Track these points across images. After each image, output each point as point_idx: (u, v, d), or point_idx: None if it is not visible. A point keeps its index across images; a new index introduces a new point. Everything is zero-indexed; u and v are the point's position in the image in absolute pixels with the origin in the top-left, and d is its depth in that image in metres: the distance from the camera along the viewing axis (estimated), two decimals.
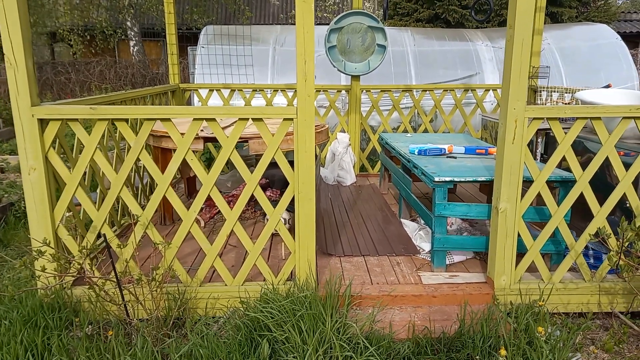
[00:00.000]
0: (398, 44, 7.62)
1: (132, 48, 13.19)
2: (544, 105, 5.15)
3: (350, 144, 5.81)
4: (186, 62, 12.53)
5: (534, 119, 2.77)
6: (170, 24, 5.57)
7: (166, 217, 4.17)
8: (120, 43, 16.25)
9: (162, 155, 4.02)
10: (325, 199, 4.85)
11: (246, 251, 2.87)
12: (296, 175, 2.77)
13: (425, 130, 6.14)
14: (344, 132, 5.96)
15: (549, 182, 3.06)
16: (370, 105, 5.95)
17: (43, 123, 2.66)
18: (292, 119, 2.71)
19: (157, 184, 2.78)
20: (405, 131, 6.12)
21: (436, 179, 3.06)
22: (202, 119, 2.71)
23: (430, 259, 3.34)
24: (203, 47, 7.43)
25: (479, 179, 3.11)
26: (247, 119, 2.74)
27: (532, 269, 3.01)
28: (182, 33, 13.77)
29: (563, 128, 2.85)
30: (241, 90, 5.90)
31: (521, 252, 2.95)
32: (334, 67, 5.64)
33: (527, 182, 2.89)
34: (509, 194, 2.81)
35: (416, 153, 3.84)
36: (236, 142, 2.75)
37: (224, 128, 3.68)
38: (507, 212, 2.84)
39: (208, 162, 6.26)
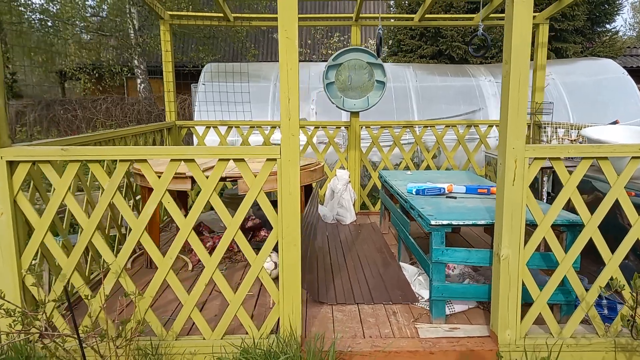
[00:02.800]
0: (400, 79, 7.54)
1: (138, 85, 13.33)
2: (549, 142, 4.97)
3: (350, 181, 5.63)
4: (191, 100, 12.59)
5: (535, 158, 2.58)
6: (167, 62, 5.53)
7: (151, 260, 3.97)
8: (129, 80, 16.48)
9: (149, 195, 3.85)
10: (323, 239, 4.64)
11: (249, 297, 2.66)
12: (280, 218, 2.58)
13: (428, 167, 5.96)
14: (344, 168, 5.79)
15: (555, 226, 2.84)
16: (371, 141, 5.80)
17: (12, 165, 2.52)
18: (275, 159, 2.54)
19: (130, 229, 2.60)
20: (407, 168, 5.94)
21: (432, 222, 2.85)
22: (179, 160, 2.55)
23: (429, 308, 3.09)
24: (204, 84, 7.41)
25: (479, 222, 2.89)
26: (228, 160, 2.57)
27: (540, 320, 2.75)
28: (188, 71, 13.95)
29: (568, 167, 2.65)
30: (238, 127, 5.80)
31: (528, 302, 2.70)
32: (332, 103, 5.52)
33: (532, 226, 2.68)
34: (510, 240, 2.59)
35: (414, 193, 3.64)
36: (216, 184, 2.58)
37: (209, 168, 3.53)
38: (510, 259, 2.61)
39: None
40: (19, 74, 16.46)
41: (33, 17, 12.88)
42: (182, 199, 4.68)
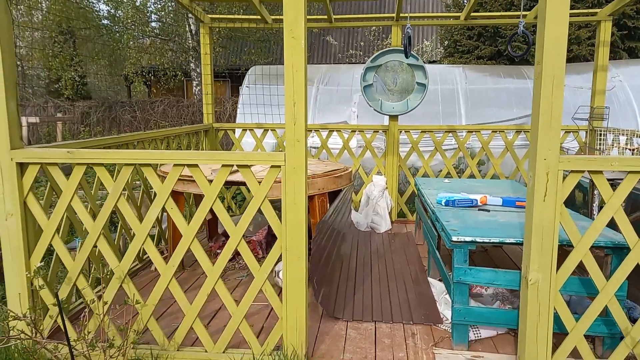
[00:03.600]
0: (448, 81, 7.18)
1: (194, 88, 13.68)
2: (607, 151, 4.49)
3: (387, 187, 5.39)
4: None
5: (572, 171, 2.27)
6: (205, 65, 5.55)
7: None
8: (188, 83, 17.01)
9: (174, 199, 3.82)
10: (351, 248, 4.44)
11: (263, 308, 2.54)
12: (284, 230, 2.43)
13: (472, 175, 5.60)
14: (381, 174, 5.56)
15: (598, 247, 2.50)
16: (410, 146, 5.53)
17: (22, 167, 2.54)
18: (280, 166, 2.40)
19: (134, 234, 2.54)
20: (449, 175, 5.61)
21: (454, 238, 2.59)
22: (183, 165, 2.47)
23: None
24: (247, 86, 7.43)
25: (507, 240, 2.59)
26: (232, 165, 2.46)
27: (576, 353, 2.42)
28: (241, 73, 14.15)
29: (615, 180, 2.32)
30: (274, 130, 5.71)
31: (562, 332, 2.39)
32: (370, 106, 5.31)
33: (570, 246, 2.36)
34: (540, 263, 2.29)
35: (443, 204, 3.37)
36: (218, 190, 2.47)
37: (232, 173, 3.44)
38: (540, 285, 2.31)
39: (241, 203, 6.08)
40: (89, 77, 17.47)
41: (100, 23, 13.58)
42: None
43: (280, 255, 2.45)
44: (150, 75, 13.61)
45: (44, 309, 2.63)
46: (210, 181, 3.46)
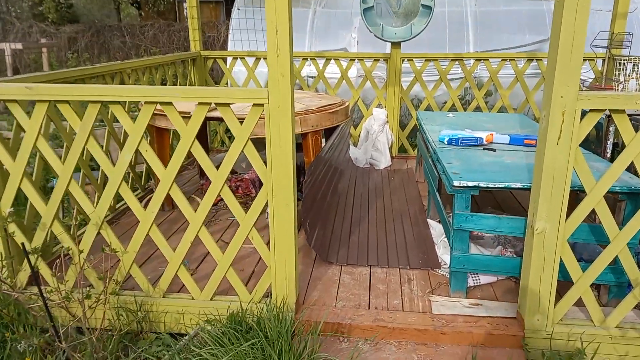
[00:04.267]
0: (455, 3, 6.65)
1: (185, 11, 12.91)
2: (625, 82, 4.17)
3: (387, 121, 5.12)
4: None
5: (591, 110, 2.01)
6: None
7: (164, 202, 3.78)
8: (179, 5, 16.10)
9: (157, 136, 3.60)
10: (348, 187, 4.26)
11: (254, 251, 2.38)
12: (269, 175, 2.21)
13: (478, 108, 5.29)
14: (381, 107, 5.26)
15: (612, 193, 2.30)
16: (413, 76, 5.18)
17: None
18: (262, 105, 2.14)
19: (108, 178, 2.34)
20: (454, 107, 5.31)
21: (455, 183, 2.38)
22: (155, 103, 2.21)
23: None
24: (239, 9, 6.92)
25: (513, 185, 2.39)
26: (209, 104, 2.20)
27: (579, 302, 2.30)
28: None
29: (631, 116, 2.07)
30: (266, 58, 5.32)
31: (566, 280, 2.25)
32: (370, 32, 4.91)
33: (581, 191, 2.16)
34: (549, 211, 2.10)
35: (445, 142, 3.13)
36: (196, 131, 2.23)
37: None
38: (546, 234, 2.13)
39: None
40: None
41: None
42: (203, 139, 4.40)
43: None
44: None
45: (20, 257, 2.49)
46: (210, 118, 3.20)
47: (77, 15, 16.52)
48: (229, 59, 5.38)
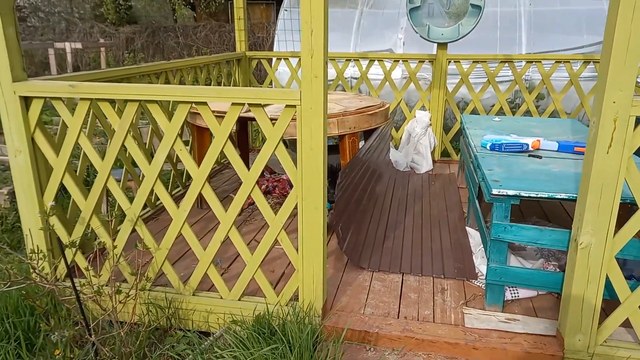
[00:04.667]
0: (508, 3, 6.40)
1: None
2: None
3: (430, 124, 4.99)
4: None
5: None
6: None
7: (202, 200, 3.84)
8: (232, 6, 16.40)
9: (198, 135, 3.65)
10: (386, 191, 4.18)
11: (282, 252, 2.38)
12: (299, 177, 2.19)
13: (528, 112, 5.06)
14: (425, 109, 5.13)
15: None
16: (460, 78, 5.02)
17: (27, 101, 2.39)
18: (295, 106, 2.11)
19: (144, 175, 2.39)
20: (502, 111, 5.10)
21: (494, 191, 2.27)
22: (189, 102, 2.23)
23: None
24: (286, 10, 6.95)
25: (558, 195, 2.24)
26: (243, 104, 2.20)
27: (627, 322, 2.13)
28: None
29: None
30: None
31: (613, 299, 2.09)
32: (416, 32, 4.79)
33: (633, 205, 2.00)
34: (595, 224, 1.96)
35: (488, 147, 3.00)
36: (229, 130, 2.23)
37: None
38: (592, 249, 1.99)
39: None
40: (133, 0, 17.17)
41: None
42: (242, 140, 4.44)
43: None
44: None
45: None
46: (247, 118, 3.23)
47: (136, 16, 17.19)
48: (274, 60, 5.41)
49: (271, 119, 2.20)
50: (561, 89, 4.83)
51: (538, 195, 2.24)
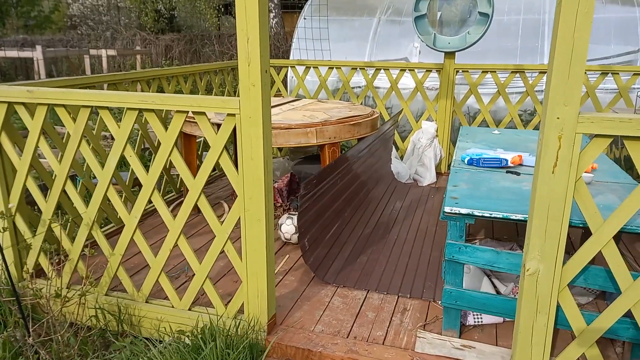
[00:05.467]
0: (531, 10, 6.12)
1: (271, 20, 13.31)
2: None
3: (437, 135, 4.82)
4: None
5: (596, 136, 1.69)
6: None
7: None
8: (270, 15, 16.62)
9: (185, 141, 3.68)
10: (379, 202, 4.05)
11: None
12: (241, 188, 2.14)
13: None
14: (432, 120, 4.97)
15: (626, 232, 1.92)
16: (469, 88, 4.82)
17: None
18: (235, 115, 2.07)
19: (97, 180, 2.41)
20: (512, 124, 4.86)
21: (447, 209, 2.13)
22: (136, 109, 2.23)
23: None
24: (305, 18, 6.95)
25: (513, 216, 2.07)
26: (187, 112, 2.18)
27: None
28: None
29: None
30: (317, 67, 5.27)
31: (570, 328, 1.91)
32: (422, 41, 4.66)
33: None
34: (542, 250, 1.80)
35: (465, 162, 2.84)
36: (175, 138, 2.21)
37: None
38: (540, 277, 1.83)
39: None
40: (179, 10, 17.76)
41: None
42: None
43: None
44: (220, 7, 13.47)
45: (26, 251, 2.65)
46: (215, 125, 3.23)
47: (179, 25, 17.75)
48: (287, 68, 5.41)
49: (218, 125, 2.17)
50: None
51: (492, 215, 2.08)
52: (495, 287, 2.59)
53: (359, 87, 6.34)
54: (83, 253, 2.36)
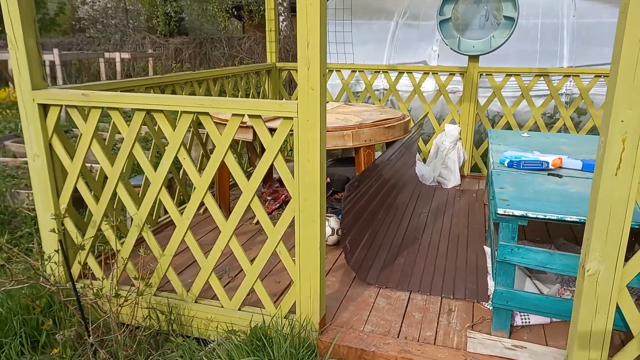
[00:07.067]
0: (550, 14, 6.16)
1: (280, 23, 13.38)
2: None
3: (460, 138, 4.85)
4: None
5: None
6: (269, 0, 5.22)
7: (222, 206, 3.90)
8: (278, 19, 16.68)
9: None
10: (407, 205, 4.09)
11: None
12: (296, 189, 2.17)
13: (564, 128, 4.84)
14: (455, 123, 5.00)
15: None
16: (492, 91, 4.86)
17: (45, 108, 2.50)
18: (292, 118, 2.11)
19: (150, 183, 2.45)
20: (536, 127, 4.90)
21: (500, 210, 2.16)
22: (192, 112, 2.27)
23: None
24: None
25: (568, 217, 2.11)
26: (242, 115, 2.21)
27: None
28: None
29: None
30: (339, 70, 5.32)
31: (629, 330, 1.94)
32: (446, 44, 4.70)
33: None
34: (603, 251, 1.82)
35: (505, 164, 2.87)
36: (230, 141, 2.25)
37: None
38: (600, 277, 1.85)
39: None
40: (187, 13, 17.85)
41: None
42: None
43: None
44: (232, 10, 13.53)
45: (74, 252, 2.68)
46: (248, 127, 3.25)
47: (187, 28, 17.83)
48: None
49: (271, 130, 2.21)
50: (602, 104, 4.58)
51: (546, 217, 2.12)
52: (537, 288, 2.62)
53: (377, 90, 6.38)
54: (137, 253, 2.39)
